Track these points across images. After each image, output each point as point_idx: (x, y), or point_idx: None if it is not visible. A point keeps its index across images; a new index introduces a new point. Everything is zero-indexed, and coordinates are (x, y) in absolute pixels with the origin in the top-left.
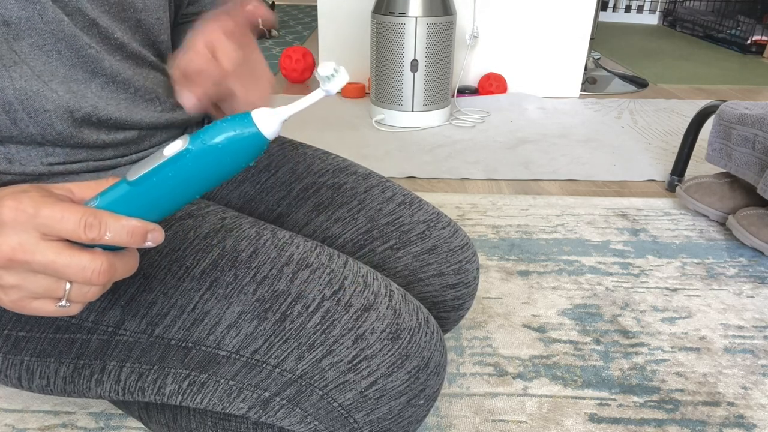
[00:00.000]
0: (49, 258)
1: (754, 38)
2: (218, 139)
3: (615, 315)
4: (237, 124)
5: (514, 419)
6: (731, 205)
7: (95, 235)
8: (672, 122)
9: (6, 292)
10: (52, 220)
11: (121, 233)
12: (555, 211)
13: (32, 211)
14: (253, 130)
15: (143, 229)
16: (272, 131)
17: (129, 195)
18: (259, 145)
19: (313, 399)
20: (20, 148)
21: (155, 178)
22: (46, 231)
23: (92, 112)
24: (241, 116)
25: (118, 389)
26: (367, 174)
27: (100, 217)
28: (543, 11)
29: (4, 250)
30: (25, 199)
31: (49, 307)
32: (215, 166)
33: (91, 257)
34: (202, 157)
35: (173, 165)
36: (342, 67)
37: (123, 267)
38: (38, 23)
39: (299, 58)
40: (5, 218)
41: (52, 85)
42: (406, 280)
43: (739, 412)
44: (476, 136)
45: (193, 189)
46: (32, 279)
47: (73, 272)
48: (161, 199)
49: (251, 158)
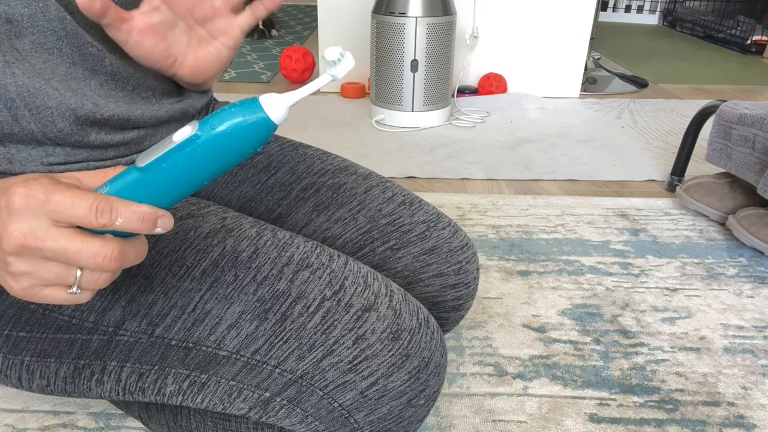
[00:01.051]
0: (60, 244)
1: (754, 38)
2: (227, 125)
3: (615, 315)
4: (245, 110)
5: (514, 419)
6: (731, 205)
7: (106, 221)
8: (672, 122)
9: (17, 280)
10: (63, 206)
11: (132, 219)
12: (555, 211)
13: (43, 197)
14: (262, 115)
15: (154, 214)
16: (280, 116)
17: (139, 181)
18: (267, 130)
19: (313, 399)
20: (20, 147)
21: (165, 164)
22: (57, 217)
23: (94, 110)
24: (249, 102)
25: (119, 389)
26: (367, 174)
27: (111, 203)
28: (543, 11)
29: (16, 237)
30: (36, 186)
31: (59, 295)
32: (224, 151)
33: (102, 243)
34: (211, 143)
35: (182, 151)
36: (348, 51)
37: (134, 253)
38: (40, 20)
39: (299, 58)
40: (16, 205)
41: (53, 83)
42: (406, 281)
43: (739, 412)
44: (476, 136)
45: (202, 175)
46: (43, 266)
47: (84, 258)
48: (171, 185)
49: (260, 143)
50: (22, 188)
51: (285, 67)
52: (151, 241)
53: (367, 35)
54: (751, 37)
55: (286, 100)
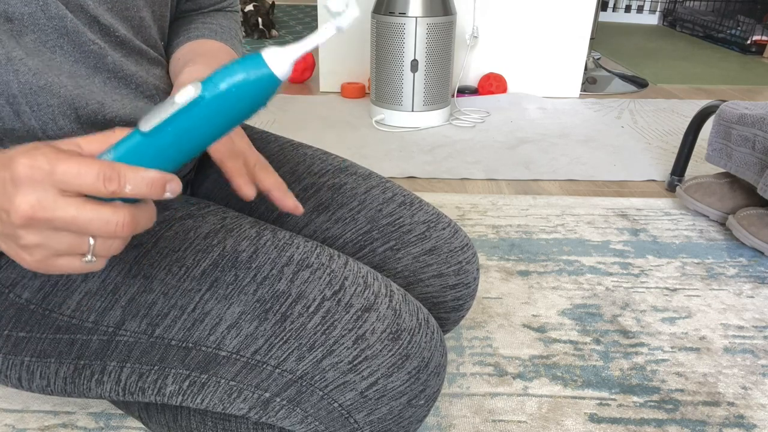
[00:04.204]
0: (70, 214)
1: (754, 38)
2: (231, 82)
3: (615, 315)
4: (249, 66)
5: (514, 419)
6: (731, 205)
7: (115, 188)
8: (672, 122)
9: (30, 252)
10: (70, 175)
11: (140, 185)
12: (555, 211)
13: (48, 167)
14: (266, 71)
15: (162, 179)
16: (284, 71)
17: (143, 146)
18: (272, 86)
19: (313, 399)
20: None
21: (169, 128)
22: (64, 187)
23: (98, 110)
24: (252, 57)
25: (119, 390)
26: (367, 174)
27: (119, 170)
28: (543, 11)
29: (24, 209)
30: (40, 156)
31: (75, 264)
32: (229, 110)
33: (113, 210)
34: (216, 103)
35: (187, 113)
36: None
37: (144, 218)
38: (41, 19)
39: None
40: (21, 176)
41: (62, 79)
42: (406, 281)
43: (739, 412)
44: (476, 136)
45: (207, 135)
46: (55, 237)
47: (96, 227)
48: (176, 148)
49: (264, 100)
50: (25, 159)
51: None
52: (153, 230)
53: (367, 35)
54: (751, 37)
55: (289, 54)
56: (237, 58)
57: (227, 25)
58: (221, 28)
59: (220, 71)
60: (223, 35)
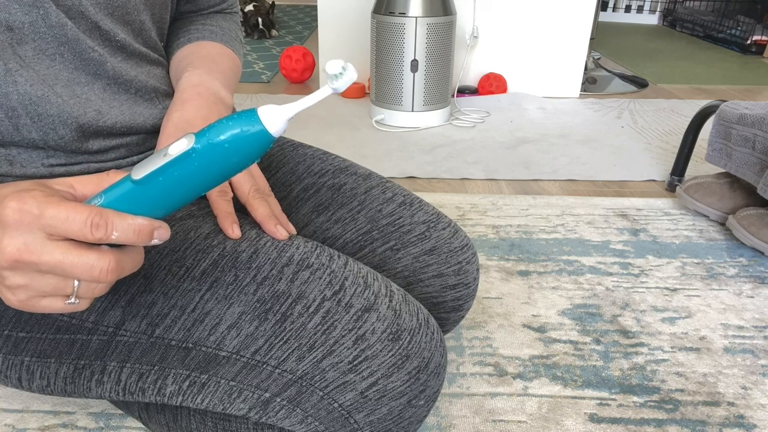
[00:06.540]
0: (56, 258)
1: (754, 38)
2: (224, 137)
3: (615, 315)
4: (243, 122)
5: (514, 419)
6: (731, 205)
7: (102, 235)
8: (672, 122)
9: (14, 293)
10: (58, 220)
11: (127, 232)
12: (555, 211)
13: (37, 211)
14: (260, 127)
15: (150, 227)
16: (278, 129)
17: (134, 193)
18: (265, 143)
19: (313, 399)
20: (21, 150)
21: (160, 178)
22: (51, 231)
23: (96, 118)
24: (247, 113)
25: (119, 390)
26: (367, 174)
27: (107, 217)
28: (543, 11)
29: (10, 252)
30: (29, 200)
31: (57, 305)
32: (221, 164)
33: (98, 256)
34: (208, 156)
35: (179, 164)
36: (350, 64)
37: (130, 263)
38: (41, 27)
39: (299, 58)
40: (9, 220)
41: (57, 89)
42: (406, 281)
43: (739, 412)
44: (476, 136)
45: (198, 187)
46: (40, 279)
47: (81, 271)
48: (166, 198)
49: (257, 156)
50: (14, 202)
51: (285, 67)
52: (149, 246)
53: (367, 35)
54: (751, 37)
55: (284, 112)
56: (237, 63)
57: (227, 27)
58: (221, 30)
59: (215, 125)
60: (223, 37)
